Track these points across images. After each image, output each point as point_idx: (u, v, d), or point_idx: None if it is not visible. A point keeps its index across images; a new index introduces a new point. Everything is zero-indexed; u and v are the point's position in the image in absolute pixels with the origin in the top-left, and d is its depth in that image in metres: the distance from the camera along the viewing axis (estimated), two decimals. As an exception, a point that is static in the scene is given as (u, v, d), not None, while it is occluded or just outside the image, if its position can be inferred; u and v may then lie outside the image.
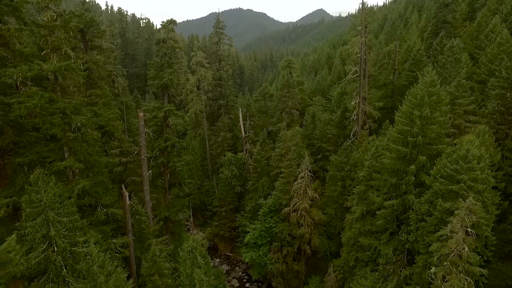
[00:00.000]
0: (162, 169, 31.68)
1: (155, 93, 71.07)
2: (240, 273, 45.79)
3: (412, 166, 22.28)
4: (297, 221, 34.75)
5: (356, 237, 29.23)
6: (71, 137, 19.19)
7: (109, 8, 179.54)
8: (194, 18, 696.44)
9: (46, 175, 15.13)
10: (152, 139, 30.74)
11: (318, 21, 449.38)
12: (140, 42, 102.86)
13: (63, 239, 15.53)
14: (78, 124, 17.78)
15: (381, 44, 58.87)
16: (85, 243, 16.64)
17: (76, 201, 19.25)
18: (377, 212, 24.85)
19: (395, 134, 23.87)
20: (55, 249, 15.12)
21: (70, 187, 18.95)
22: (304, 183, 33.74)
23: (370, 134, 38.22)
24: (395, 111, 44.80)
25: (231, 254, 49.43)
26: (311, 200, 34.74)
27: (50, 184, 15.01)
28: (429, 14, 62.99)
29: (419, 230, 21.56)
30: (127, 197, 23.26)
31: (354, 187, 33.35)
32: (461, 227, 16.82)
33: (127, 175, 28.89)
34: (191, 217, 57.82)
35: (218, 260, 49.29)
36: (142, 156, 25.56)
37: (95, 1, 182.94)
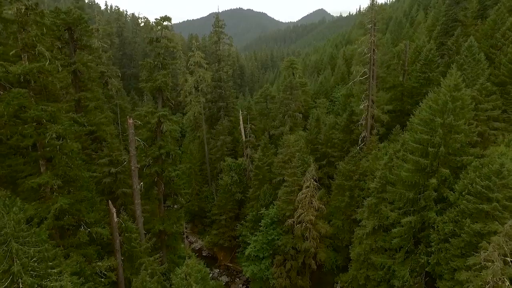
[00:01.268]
0: (156, 179, 29.26)
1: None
2: (240, 285, 43.37)
3: (433, 180, 19.87)
4: (301, 234, 32.33)
5: (367, 253, 26.80)
6: (47, 149, 16.80)
7: (108, 7, 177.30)
8: (194, 18, 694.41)
9: (9, 197, 12.70)
10: (145, 147, 28.38)
11: (319, 21, 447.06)
12: (138, 42, 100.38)
13: (31, 272, 13.15)
14: (54, 135, 15.39)
15: (388, 44, 56.36)
16: (59, 275, 14.23)
17: (54, 222, 16.88)
18: (392, 230, 22.40)
19: (412, 143, 21.44)
20: (20, 286, 12.71)
21: (46, 206, 16.56)
22: (309, 193, 31.33)
23: (380, 140, 35.77)
24: (405, 115, 42.76)
25: (231, 265, 46.99)
26: (316, 211, 32.33)
27: (14, 209, 12.60)
28: (437, 12, 60.55)
29: (442, 253, 19.16)
30: (114, 214, 20.86)
31: (364, 198, 30.98)
32: (498, 255, 14.39)
33: (117, 187, 26.48)
34: (185, 227, 55.48)
35: (217, 270, 46.85)
36: (133, 167, 23.16)
37: (94, 1, 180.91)
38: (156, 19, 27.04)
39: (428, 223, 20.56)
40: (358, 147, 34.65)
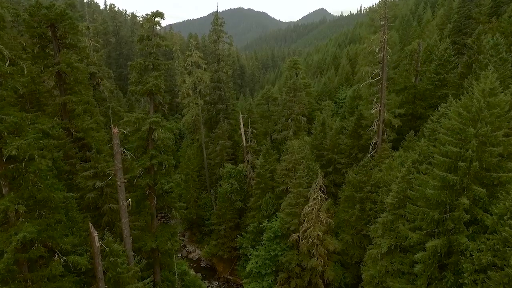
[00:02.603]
0: (147, 192, 26.53)
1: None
2: (241, 301, 40.65)
3: (465, 200, 17.08)
4: (308, 250, 29.60)
5: (382, 276, 24.02)
6: (10, 167, 14.06)
7: (108, 7, 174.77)
8: (195, 18, 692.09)
9: None
10: (135, 157, 25.66)
11: (320, 20, 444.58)
12: (135, 41, 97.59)
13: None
14: (13, 152, 12.65)
15: (396, 43, 53.61)
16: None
17: (17, 255, 14.12)
18: (415, 255, 19.60)
19: (438, 156, 18.65)
20: None
21: (7, 236, 13.79)
22: (316, 206, 28.57)
23: (393, 147, 32.97)
24: (417, 118, 39.99)
25: (231, 277, 44.24)
26: (324, 226, 29.56)
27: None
28: (447, 10, 57.83)
29: (478, 286, 16.38)
30: (96, 237, 18.10)
31: (377, 213, 28.23)
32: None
33: (103, 202, 23.72)
34: (183, 235, 52.96)
35: (216, 283, 44.11)
36: (118, 182, 20.39)
37: (93, 0, 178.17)
38: (147, 14, 24.26)
39: (458, 248, 17.79)
40: (369, 155, 31.83)
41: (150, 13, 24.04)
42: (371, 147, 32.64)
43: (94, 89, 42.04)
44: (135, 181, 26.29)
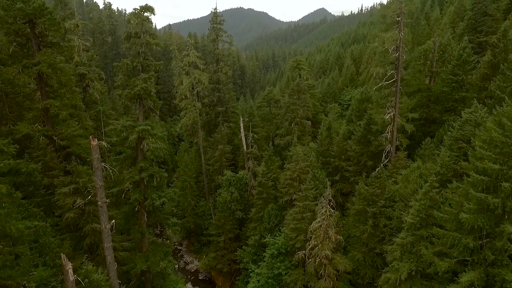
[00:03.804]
0: (137, 208, 23.76)
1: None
2: (242, 319, 37.85)
3: (510, 228, 14.29)
4: (315, 270, 26.80)
5: (402, 305, 21.26)
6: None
7: (107, 6, 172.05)
8: (195, 18, 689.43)
9: None
10: (124, 168, 22.92)
11: (320, 20, 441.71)
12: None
13: None
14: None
15: (409, 41, 50.70)
16: None
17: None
18: (446, 289, 16.78)
19: (475, 174, 15.83)
20: None
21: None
22: (325, 222, 25.75)
23: (408, 156, 30.13)
24: (430, 123, 37.18)
25: (230, 292, 41.50)
26: (333, 243, 26.75)
27: None
28: (458, 7, 54.96)
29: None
30: (70, 270, 15.28)
31: (392, 229, 25.44)
32: None
33: (85, 222, 20.88)
34: (181, 244, 50.22)
35: (215, 298, 41.42)
36: (100, 202, 17.58)
37: (93, 0, 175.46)
38: (135, 9, 21.45)
39: (502, 286, 14.97)
40: (382, 164, 28.95)
41: (139, 7, 21.23)
42: (383, 155, 29.80)
43: (84, 92, 39.29)
44: (123, 195, 23.58)
